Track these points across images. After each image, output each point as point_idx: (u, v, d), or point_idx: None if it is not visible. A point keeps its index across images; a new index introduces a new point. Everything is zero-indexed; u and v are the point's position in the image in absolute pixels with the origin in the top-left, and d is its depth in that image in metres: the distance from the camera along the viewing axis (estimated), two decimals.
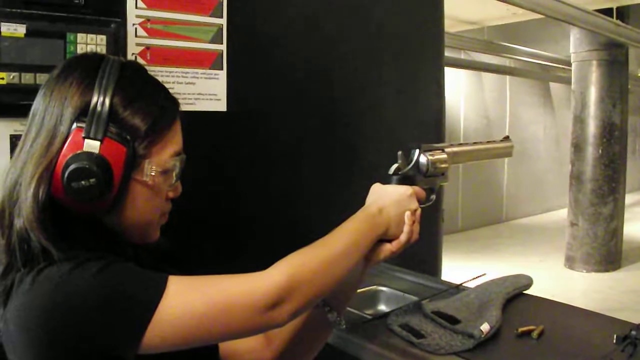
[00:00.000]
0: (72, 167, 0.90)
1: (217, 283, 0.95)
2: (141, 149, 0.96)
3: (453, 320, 1.44)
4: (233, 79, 1.81)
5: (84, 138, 0.91)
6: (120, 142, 0.93)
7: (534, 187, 11.87)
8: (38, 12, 1.43)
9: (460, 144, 1.43)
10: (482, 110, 10.66)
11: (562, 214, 9.20)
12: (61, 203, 0.93)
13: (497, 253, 8.53)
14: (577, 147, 7.68)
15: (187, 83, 1.73)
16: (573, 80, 7.85)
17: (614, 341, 1.34)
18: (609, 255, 7.60)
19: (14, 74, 1.38)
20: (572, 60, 7.91)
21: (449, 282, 1.94)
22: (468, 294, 1.66)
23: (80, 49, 1.47)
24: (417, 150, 1.34)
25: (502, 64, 10.11)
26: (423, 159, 1.33)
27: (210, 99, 1.78)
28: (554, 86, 12.45)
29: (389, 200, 1.21)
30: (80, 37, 1.48)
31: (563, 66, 9.73)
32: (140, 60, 1.64)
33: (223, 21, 1.78)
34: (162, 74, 1.68)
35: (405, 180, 1.30)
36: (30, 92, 1.39)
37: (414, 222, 1.23)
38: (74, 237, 0.94)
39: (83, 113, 0.92)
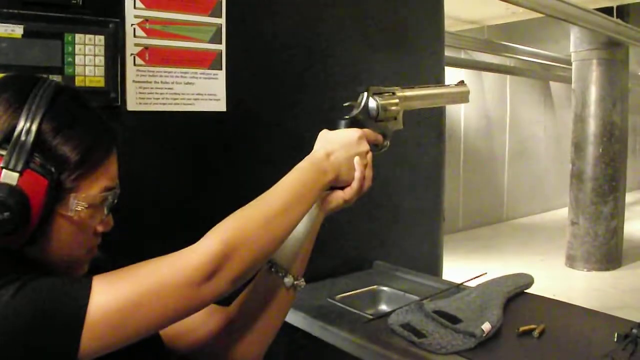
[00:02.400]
0: None
1: (144, 268, 0.90)
2: (69, 181, 0.89)
3: (454, 320, 1.44)
4: (232, 79, 1.81)
5: (2, 168, 0.84)
6: (43, 174, 0.86)
7: (534, 186, 11.87)
8: (36, 12, 1.43)
9: (411, 87, 1.35)
10: (482, 109, 10.66)
11: (562, 213, 9.19)
12: None
13: (498, 252, 8.53)
14: (578, 146, 7.67)
15: (186, 83, 1.72)
16: (573, 79, 7.84)
17: (615, 340, 1.34)
18: (609, 254, 7.60)
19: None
20: (572, 60, 7.90)
21: (449, 282, 1.93)
22: (469, 294, 1.66)
23: (79, 50, 1.47)
24: (365, 94, 1.27)
25: (502, 63, 10.12)
26: (372, 103, 1.26)
27: (210, 99, 1.77)
28: (555, 85, 12.45)
29: (337, 144, 1.15)
30: (79, 37, 1.47)
31: (563, 65, 9.73)
32: (139, 61, 1.64)
33: (222, 21, 1.78)
34: (160, 74, 1.68)
35: (354, 124, 1.22)
36: None
37: (365, 166, 1.16)
38: None
39: (6, 139, 0.85)
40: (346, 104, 1.28)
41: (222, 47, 1.79)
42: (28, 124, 0.86)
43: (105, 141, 0.95)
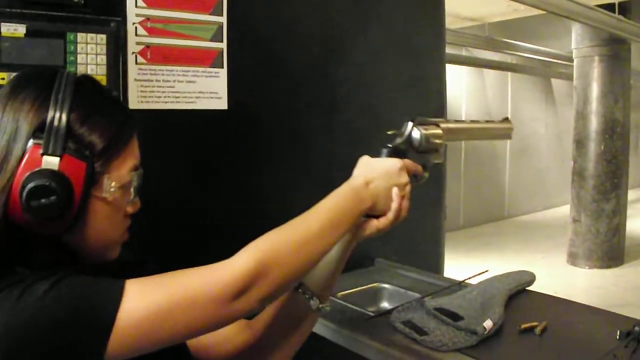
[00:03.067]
0: (31, 185, 0.86)
1: (177, 278, 0.91)
2: (99, 165, 0.92)
3: (456, 317, 1.44)
4: (233, 77, 1.81)
5: (42, 155, 0.87)
6: (80, 158, 0.89)
7: (535, 183, 11.86)
8: (38, 12, 1.43)
9: (457, 121, 1.36)
10: (483, 106, 10.65)
11: (564, 211, 9.19)
12: (16, 224, 0.88)
13: (499, 250, 8.53)
14: (579, 143, 7.67)
15: (187, 81, 1.72)
16: (575, 76, 7.83)
17: (617, 337, 1.34)
18: (611, 251, 7.60)
19: (14, 74, 1.37)
20: (574, 56, 7.89)
21: (451, 279, 1.94)
22: (470, 291, 1.66)
23: (81, 49, 1.48)
24: (410, 124, 1.26)
25: (503, 60, 10.10)
26: (416, 133, 1.25)
27: (211, 97, 1.77)
28: (556, 82, 12.44)
29: (377, 173, 1.14)
30: (80, 36, 1.48)
31: (565, 62, 9.71)
32: (141, 59, 1.64)
33: (223, 19, 1.78)
34: (162, 72, 1.68)
35: (395, 153, 1.21)
36: None
37: (403, 197, 1.16)
38: (29, 259, 0.90)
39: (39, 129, 0.88)
40: (390, 132, 1.27)
41: (224, 45, 1.79)
42: (58, 114, 0.89)
43: (127, 123, 0.99)
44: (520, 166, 11.47)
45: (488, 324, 1.37)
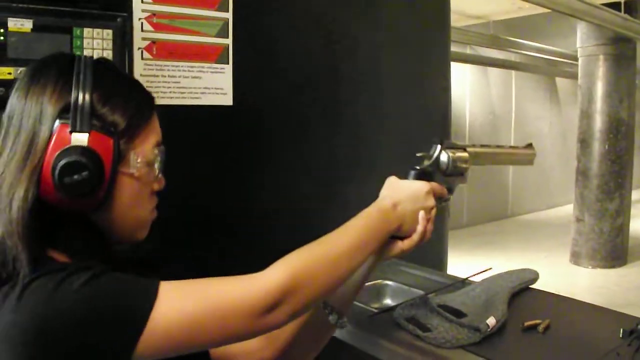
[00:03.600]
0: (62, 162, 0.87)
1: (211, 287, 0.92)
2: (124, 142, 0.95)
3: (459, 314, 1.44)
4: (239, 73, 1.82)
5: (71, 132, 0.89)
6: (107, 134, 0.91)
7: (539, 182, 11.84)
8: (44, 7, 1.43)
9: (483, 145, 1.40)
10: (487, 105, 10.64)
11: (567, 210, 9.17)
12: (49, 204, 0.89)
13: (502, 249, 8.52)
14: (584, 142, 7.65)
15: (193, 77, 1.73)
16: (580, 75, 7.81)
17: (620, 335, 1.34)
18: (614, 251, 7.59)
19: (21, 69, 1.38)
20: (578, 55, 7.87)
21: (454, 277, 1.94)
22: (474, 288, 1.67)
23: (87, 44, 1.48)
24: (439, 146, 1.29)
25: (508, 58, 10.08)
26: (444, 156, 1.28)
27: (216, 93, 1.78)
28: (560, 81, 12.41)
29: (404, 195, 1.17)
30: (87, 31, 1.48)
31: (569, 61, 9.70)
32: (147, 55, 1.64)
33: (229, 15, 1.78)
34: (168, 68, 1.68)
35: (423, 175, 1.24)
36: None
37: (428, 220, 1.18)
38: (61, 239, 0.92)
39: (64, 110, 0.90)
40: (418, 154, 1.29)
41: (229, 41, 1.79)
42: (81, 94, 0.91)
43: (146, 103, 1.01)
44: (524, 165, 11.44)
45: (491, 321, 1.37)
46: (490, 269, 1.83)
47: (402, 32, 2.29)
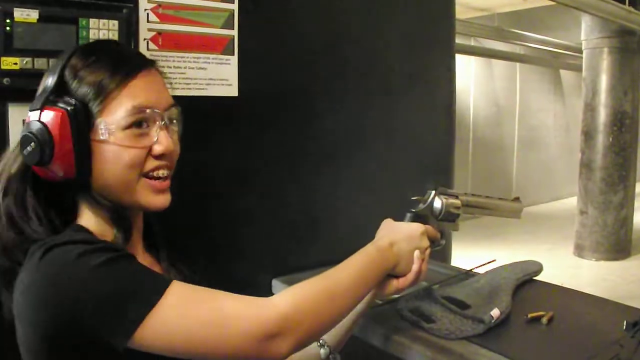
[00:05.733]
0: (20, 137, 1.01)
1: (218, 299, 0.95)
2: (94, 108, 1.00)
3: (463, 306, 1.44)
4: (244, 64, 1.81)
5: (30, 111, 1.01)
6: (60, 108, 0.98)
7: (543, 175, 11.84)
8: None
9: (473, 195, 1.46)
10: (492, 97, 10.62)
11: (571, 202, 9.18)
12: (42, 178, 1.02)
13: (506, 241, 8.53)
14: (588, 135, 7.65)
15: (198, 68, 1.73)
16: (584, 67, 7.80)
17: (624, 327, 1.34)
18: (618, 243, 7.59)
19: (27, 59, 1.38)
20: (583, 48, 7.86)
21: (459, 268, 1.94)
22: (478, 280, 1.67)
23: (93, 35, 1.48)
24: (433, 192, 1.37)
25: (512, 51, 10.07)
26: (438, 202, 1.36)
27: (222, 84, 1.78)
28: (565, 73, 12.38)
29: (401, 235, 1.22)
30: (93, 22, 1.48)
31: (574, 53, 9.67)
32: (152, 46, 1.64)
33: (234, 6, 1.78)
34: (173, 59, 1.69)
35: (418, 218, 1.32)
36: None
37: (423, 260, 1.24)
38: (70, 208, 1.04)
39: (38, 94, 1.03)
40: (414, 198, 1.38)
41: (235, 32, 1.79)
42: (47, 78, 1.02)
43: (122, 67, 1.03)
44: (528, 157, 11.44)
45: (495, 312, 1.37)
46: (494, 260, 1.83)
47: (407, 24, 2.28)
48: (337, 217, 2.09)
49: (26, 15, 1.39)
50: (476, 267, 1.83)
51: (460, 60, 8.58)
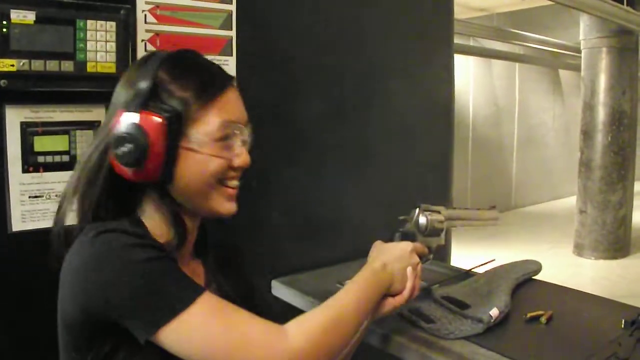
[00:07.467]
0: (114, 136, 1.02)
1: (241, 321, 0.98)
2: (186, 119, 1.04)
3: (462, 305, 1.45)
4: (242, 65, 1.81)
5: (125, 112, 1.03)
6: (158, 113, 1.01)
7: (542, 174, 11.84)
8: None
9: (454, 208, 1.55)
10: (491, 97, 10.62)
11: (570, 201, 9.18)
12: (120, 176, 1.05)
13: (506, 240, 8.52)
14: (587, 134, 7.64)
15: None
16: (583, 67, 7.79)
17: (622, 326, 1.35)
18: (617, 242, 7.59)
19: (24, 60, 1.38)
20: (581, 47, 7.85)
21: (458, 268, 1.94)
22: (477, 280, 1.67)
23: (90, 36, 1.48)
24: (417, 210, 1.44)
25: (511, 50, 10.06)
26: (422, 219, 1.43)
27: None
28: (564, 73, 12.39)
29: (392, 256, 1.27)
30: (90, 23, 1.48)
31: (573, 53, 9.67)
32: (150, 47, 1.64)
33: (232, 7, 1.78)
34: None
35: (406, 236, 1.39)
36: (40, 79, 1.41)
37: (415, 276, 1.28)
38: (138, 205, 1.09)
39: (131, 97, 1.04)
40: (401, 218, 1.44)
41: (233, 33, 1.79)
42: (141, 84, 1.04)
43: (216, 81, 1.10)
44: (527, 157, 11.44)
45: (494, 312, 1.37)
46: (494, 260, 1.84)
47: (406, 24, 2.28)
48: (336, 217, 2.09)
49: (23, 16, 1.39)
50: (475, 267, 1.84)
51: (460, 60, 8.59)
